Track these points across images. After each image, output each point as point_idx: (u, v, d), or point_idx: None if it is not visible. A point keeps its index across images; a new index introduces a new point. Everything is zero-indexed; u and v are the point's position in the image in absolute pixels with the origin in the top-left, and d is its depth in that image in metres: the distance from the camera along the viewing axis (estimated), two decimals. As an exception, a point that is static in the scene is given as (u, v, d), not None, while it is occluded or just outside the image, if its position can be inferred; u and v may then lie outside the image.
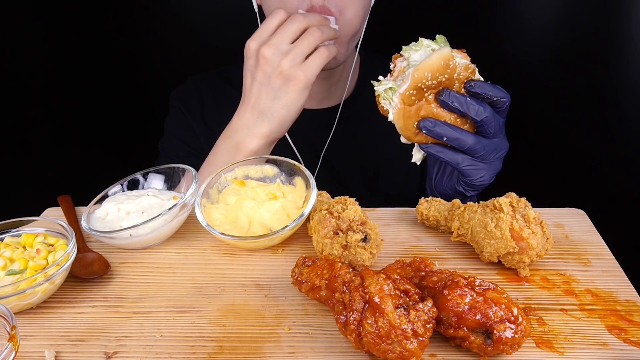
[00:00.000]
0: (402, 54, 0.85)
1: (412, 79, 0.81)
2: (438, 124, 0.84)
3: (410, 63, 0.83)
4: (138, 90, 1.67)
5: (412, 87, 0.82)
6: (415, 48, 0.84)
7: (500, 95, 0.84)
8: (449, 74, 0.82)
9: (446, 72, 0.82)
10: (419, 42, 0.85)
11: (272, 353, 0.63)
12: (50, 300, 0.73)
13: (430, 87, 0.82)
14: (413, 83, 0.81)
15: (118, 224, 0.84)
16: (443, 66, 0.81)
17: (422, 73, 0.81)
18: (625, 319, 0.66)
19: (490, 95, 0.83)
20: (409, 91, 0.82)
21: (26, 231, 0.80)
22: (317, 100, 1.23)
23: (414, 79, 0.81)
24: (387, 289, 0.58)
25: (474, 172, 0.88)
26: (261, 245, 0.82)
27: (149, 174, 0.95)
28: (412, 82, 0.81)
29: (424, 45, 0.84)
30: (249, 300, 0.72)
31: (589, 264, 0.76)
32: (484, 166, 0.88)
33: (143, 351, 0.64)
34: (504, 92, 0.84)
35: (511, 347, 0.58)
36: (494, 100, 0.84)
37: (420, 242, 0.83)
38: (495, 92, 0.83)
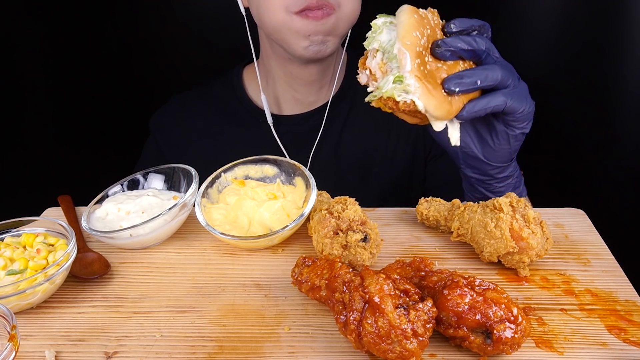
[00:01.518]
0: (369, 48, 0.75)
1: (408, 48, 0.69)
2: (463, 74, 0.74)
3: (386, 46, 0.73)
4: (138, 90, 1.67)
5: (413, 56, 0.69)
6: (375, 34, 0.74)
7: (480, 22, 0.77)
8: (428, 24, 0.72)
9: (424, 23, 0.72)
10: (373, 28, 0.74)
11: (272, 353, 0.63)
12: (50, 300, 0.73)
13: (425, 47, 0.72)
14: (412, 52, 0.69)
15: (118, 224, 0.84)
16: (418, 19, 0.71)
17: (410, 36, 0.70)
18: (625, 319, 0.66)
19: (474, 26, 0.77)
20: (414, 63, 0.69)
21: (26, 231, 0.80)
22: (306, 103, 1.22)
23: (409, 47, 0.69)
24: (387, 289, 0.58)
25: (519, 103, 0.79)
26: (261, 245, 0.82)
27: (149, 174, 0.95)
28: (410, 51, 0.69)
29: (379, 25, 0.73)
30: (249, 300, 0.72)
31: (589, 264, 0.76)
32: (519, 91, 0.79)
33: (143, 351, 0.64)
34: (478, 20, 0.77)
35: (511, 347, 0.58)
36: (479, 29, 0.77)
37: (420, 242, 0.83)
38: (475, 21, 0.77)
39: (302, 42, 1.03)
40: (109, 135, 1.69)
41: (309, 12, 0.98)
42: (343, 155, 1.20)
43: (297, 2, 0.98)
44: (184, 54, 1.63)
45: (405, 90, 0.70)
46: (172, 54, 1.65)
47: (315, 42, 1.03)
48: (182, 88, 1.34)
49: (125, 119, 1.65)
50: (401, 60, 0.69)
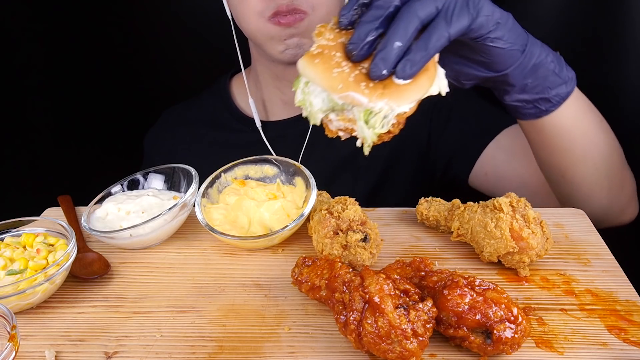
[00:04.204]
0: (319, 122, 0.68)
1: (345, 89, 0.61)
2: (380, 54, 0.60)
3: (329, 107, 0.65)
4: (139, 90, 1.67)
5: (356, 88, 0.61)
6: (309, 108, 0.67)
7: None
8: (331, 49, 0.63)
9: (329, 54, 0.63)
10: (301, 105, 0.68)
11: (272, 353, 0.63)
12: (50, 300, 0.73)
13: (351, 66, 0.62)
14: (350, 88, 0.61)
15: (118, 223, 0.84)
16: (321, 60, 0.63)
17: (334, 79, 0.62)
18: (625, 319, 0.66)
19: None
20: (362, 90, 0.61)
21: (26, 231, 0.80)
22: (295, 105, 1.20)
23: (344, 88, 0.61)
24: (387, 289, 0.58)
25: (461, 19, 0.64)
26: (261, 245, 0.82)
27: (149, 173, 0.95)
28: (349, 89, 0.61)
29: (302, 98, 0.67)
30: (249, 300, 0.72)
31: (589, 264, 0.76)
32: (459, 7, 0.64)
33: (143, 351, 0.64)
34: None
35: (511, 347, 0.58)
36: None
37: (420, 242, 0.83)
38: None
39: (278, 46, 1.02)
40: (110, 135, 1.69)
41: (280, 18, 0.97)
42: (332, 157, 1.18)
43: (267, 7, 0.97)
44: (186, 55, 1.63)
45: (382, 117, 0.63)
46: (174, 54, 1.65)
47: (291, 46, 1.02)
48: (183, 88, 1.34)
49: (126, 119, 1.65)
50: (353, 103, 0.62)
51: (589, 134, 0.85)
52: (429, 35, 0.61)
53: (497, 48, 0.70)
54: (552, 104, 0.80)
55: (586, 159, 0.86)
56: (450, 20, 0.61)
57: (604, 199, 0.90)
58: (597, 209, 0.90)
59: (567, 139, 0.84)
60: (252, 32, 1.03)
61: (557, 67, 0.77)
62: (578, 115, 0.83)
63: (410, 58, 0.60)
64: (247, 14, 1.00)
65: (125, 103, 1.70)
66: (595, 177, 0.88)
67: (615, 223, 0.96)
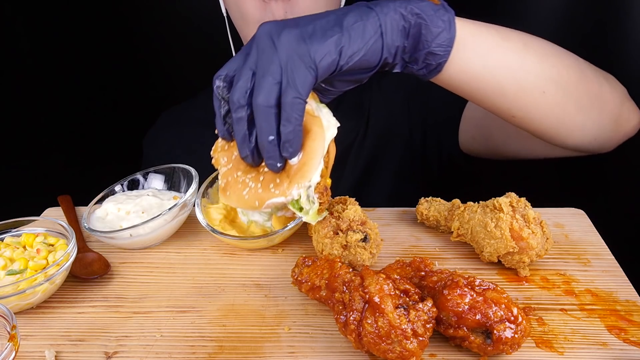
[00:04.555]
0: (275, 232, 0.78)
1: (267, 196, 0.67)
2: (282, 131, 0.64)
3: (268, 219, 0.77)
4: (140, 90, 1.67)
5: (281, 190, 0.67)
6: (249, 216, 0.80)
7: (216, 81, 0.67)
8: (225, 164, 0.72)
9: (235, 178, 0.71)
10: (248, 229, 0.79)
11: (272, 353, 0.63)
12: (50, 300, 0.73)
13: (261, 172, 0.70)
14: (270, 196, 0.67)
15: (118, 223, 0.84)
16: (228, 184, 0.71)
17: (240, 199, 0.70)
18: (625, 319, 0.66)
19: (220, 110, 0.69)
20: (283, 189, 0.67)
21: (26, 231, 0.80)
22: None
23: (265, 195, 0.68)
24: (387, 289, 0.58)
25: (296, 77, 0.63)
26: (261, 245, 0.82)
27: (149, 174, 0.95)
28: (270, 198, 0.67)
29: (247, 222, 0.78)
30: (249, 300, 0.72)
31: (589, 264, 0.76)
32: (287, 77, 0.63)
33: (143, 351, 0.64)
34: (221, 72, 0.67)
35: (511, 347, 0.58)
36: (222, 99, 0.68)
37: (420, 242, 0.83)
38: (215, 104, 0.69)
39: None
40: (110, 136, 1.69)
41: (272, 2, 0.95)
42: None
43: (264, 16, 0.96)
44: (186, 54, 1.63)
45: (306, 198, 0.69)
46: (175, 53, 1.65)
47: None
48: (185, 88, 1.33)
49: (126, 119, 1.65)
50: (276, 207, 0.70)
51: (511, 65, 0.76)
52: (285, 108, 0.63)
53: (356, 66, 0.67)
54: (441, 55, 0.72)
55: (525, 93, 0.77)
56: (295, 85, 0.62)
57: (584, 121, 0.82)
58: (587, 132, 0.84)
59: (485, 81, 0.76)
60: (249, 38, 1.03)
61: (426, 18, 0.69)
62: (483, 52, 0.74)
63: (285, 140, 0.64)
64: (244, 20, 1.00)
65: (125, 103, 1.70)
66: (553, 105, 0.79)
67: (621, 136, 0.89)
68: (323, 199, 0.69)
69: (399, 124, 1.15)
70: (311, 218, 0.70)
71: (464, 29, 0.72)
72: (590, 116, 0.82)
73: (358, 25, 0.65)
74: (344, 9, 0.67)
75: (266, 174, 0.68)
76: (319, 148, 0.67)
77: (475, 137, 1.06)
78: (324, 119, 0.69)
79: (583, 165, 1.33)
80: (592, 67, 0.83)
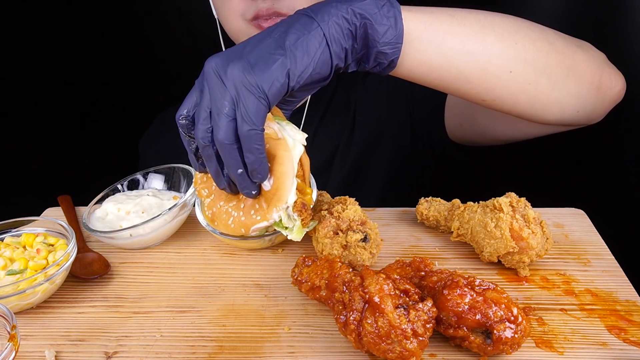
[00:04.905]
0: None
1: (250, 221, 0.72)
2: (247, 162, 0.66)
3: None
4: (139, 90, 1.67)
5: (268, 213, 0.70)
6: None
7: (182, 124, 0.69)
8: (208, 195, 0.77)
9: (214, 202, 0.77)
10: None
11: (272, 353, 0.63)
12: (50, 300, 0.73)
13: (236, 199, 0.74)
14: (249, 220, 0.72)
15: (118, 223, 0.84)
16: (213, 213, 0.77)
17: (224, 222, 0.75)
18: (625, 319, 0.66)
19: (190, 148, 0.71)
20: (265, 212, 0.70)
21: (26, 231, 0.80)
22: None
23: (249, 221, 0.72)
24: (387, 289, 0.58)
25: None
26: (261, 245, 0.82)
27: (149, 174, 0.95)
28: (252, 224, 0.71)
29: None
30: (249, 300, 0.72)
31: (589, 264, 0.76)
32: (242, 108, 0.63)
33: (143, 351, 0.64)
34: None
35: (511, 347, 0.58)
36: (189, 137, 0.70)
37: (420, 242, 0.83)
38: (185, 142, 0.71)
39: None
40: (110, 136, 1.69)
41: (261, 22, 0.97)
42: (317, 155, 1.17)
43: (248, 9, 0.96)
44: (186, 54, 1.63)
45: (287, 217, 0.71)
46: (174, 53, 1.66)
47: None
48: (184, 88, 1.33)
49: (126, 119, 1.65)
50: (260, 231, 0.73)
51: (470, 49, 0.73)
52: (244, 141, 0.64)
53: (308, 81, 0.66)
54: (390, 53, 0.69)
55: (490, 75, 0.75)
56: (248, 117, 0.62)
57: (560, 95, 0.79)
58: (567, 106, 0.81)
59: (445, 69, 0.74)
60: (237, 34, 1.03)
61: (370, 18, 0.67)
62: (437, 40, 0.72)
63: (252, 169, 0.66)
64: (229, 15, 1.00)
65: (125, 104, 1.70)
66: (524, 84, 0.76)
67: (607, 104, 0.86)
68: (303, 215, 0.71)
69: (385, 119, 1.15)
70: (296, 235, 0.72)
71: (414, 19, 0.70)
72: (567, 89, 0.79)
73: (301, 42, 0.64)
74: (285, 25, 0.66)
75: (246, 201, 0.72)
76: (288, 171, 0.68)
77: (462, 124, 1.05)
78: (289, 138, 0.71)
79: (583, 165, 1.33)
80: (562, 37, 0.80)
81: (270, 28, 0.66)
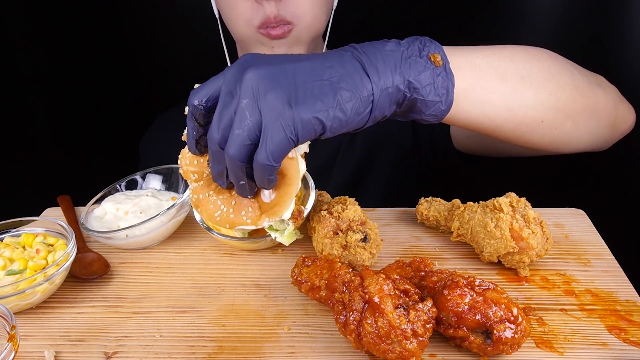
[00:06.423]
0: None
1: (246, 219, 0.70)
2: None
3: None
4: (139, 91, 1.67)
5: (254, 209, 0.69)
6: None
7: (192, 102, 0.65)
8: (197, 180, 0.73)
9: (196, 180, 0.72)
10: None
11: (272, 353, 0.63)
12: (50, 300, 0.73)
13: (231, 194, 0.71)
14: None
15: (116, 223, 0.84)
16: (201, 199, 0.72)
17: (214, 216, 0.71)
18: (625, 319, 0.66)
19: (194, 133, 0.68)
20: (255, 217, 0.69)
21: (26, 231, 0.80)
22: None
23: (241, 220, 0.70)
24: (386, 289, 0.58)
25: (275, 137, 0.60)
26: (261, 245, 0.82)
27: (148, 174, 0.95)
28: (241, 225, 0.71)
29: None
30: (249, 300, 0.72)
31: (589, 264, 0.76)
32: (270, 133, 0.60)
33: (143, 351, 0.64)
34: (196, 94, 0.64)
35: (511, 347, 0.58)
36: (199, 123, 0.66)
37: (420, 242, 0.83)
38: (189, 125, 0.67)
39: (266, 51, 1.01)
40: (110, 136, 1.69)
41: (270, 30, 0.97)
42: (319, 156, 1.17)
43: (256, 16, 0.97)
44: (187, 55, 1.63)
45: (279, 223, 0.71)
46: (174, 54, 1.65)
47: (279, 52, 1.01)
48: (184, 89, 1.33)
49: (126, 119, 1.65)
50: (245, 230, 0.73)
51: (510, 106, 0.74)
52: (255, 167, 0.62)
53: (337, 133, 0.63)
54: (431, 121, 0.71)
55: (523, 126, 0.77)
56: (270, 151, 0.60)
57: (580, 133, 0.83)
58: (584, 141, 0.85)
59: (482, 124, 0.75)
60: (243, 38, 1.04)
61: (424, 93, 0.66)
62: (481, 101, 0.72)
63: (258, 184, 0.65)
64: (236, 19, 1.01)
65: (125, 104, 1.70)
66: (551, 129, 0.79)
67: (618, 135, 0.90)
68: (297, 222, 0.71)
69: (388, 122, 1.15)
70: (286, 239, 0.71)
71: (462, 81, 0.69)
72: (586, 128, 0.83)
73: (350, 103, 0.61)
74: (341, 68, 0.62)
75: (238, 199, 0.69)
76: (292, 192, 0.68)
77: (469, 136, 1.06)
78: (299, 158, 0.70)
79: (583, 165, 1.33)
80: (584, 77, 0.83)
81: (326, 60, 0.62)
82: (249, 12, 0.98)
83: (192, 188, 0.73)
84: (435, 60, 0.66)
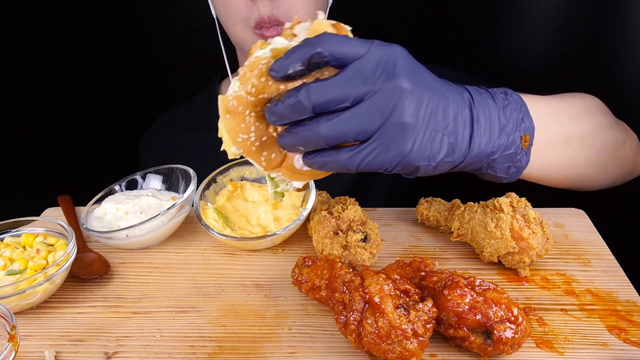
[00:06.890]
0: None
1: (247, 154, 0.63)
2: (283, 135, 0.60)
3: None
4: (139, 91, 1.67)
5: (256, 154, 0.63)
6: None
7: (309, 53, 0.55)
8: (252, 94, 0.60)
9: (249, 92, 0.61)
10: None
11: (272, 353, 0.63)
12: (50, 300, 0.73)
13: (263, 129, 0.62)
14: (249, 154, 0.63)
15: (116, 223, 0.84)
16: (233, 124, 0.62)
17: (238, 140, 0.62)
18: (625, 319, 0.66)
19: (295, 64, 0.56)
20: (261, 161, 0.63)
21: (26, 231, 0.80)
22: None
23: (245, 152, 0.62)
24: (387, 289, 0.58)
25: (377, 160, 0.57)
26: (261, 246, 0.82)
27: (148, 174, 0.95)
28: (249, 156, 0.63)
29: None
30: (249, 300, 0.72)
31: (589, 264, 0.76)
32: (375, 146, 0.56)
33: (143, 351, 0.64)
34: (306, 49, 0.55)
35: (511, 347, 0.58)
36: (310, 63, 0.56)
37: (420, 242, 0.83)
38: (298, 55, 0.56)
39: None
40: (110, 136, 1.69)
41: (264, 31, 0.98)
42: None
43: (250, 14, 0.97)
44: (186, 55, 1.63)
45: (282, 181, 0.67)
46: (174, 55, 1.65)
47: None
48: (184, 89, 1.33)
49: (126, 119, 1.65)
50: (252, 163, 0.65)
51: (565, 168, 0.78)
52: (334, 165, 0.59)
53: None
54: (517, 172, 0.71)
55: (567, 180, 0.82)
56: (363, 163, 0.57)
57: (604, 178, 0.88)
58: (605, 184, 0.90)
59: (534, 178, 0.78)
60: (237, 38, 1.04)
61: (494, 171, 0.67)
62: (544, 164, 0.75)
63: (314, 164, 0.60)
64: (231, 18, 1.01)
65: (125, 104, 1.70)
66: (586, 180, 0.84)
67: (633, 177, 0.95)
68: (302, 189, 0.68)
69: None
70: (274, 195, 0.68)
71: (535, 156, 0.71)
72: (612, 176, 0.88)
73: (447, 165, 0.61)
74: (453, 123, 0.60)
75: (270, 140, 0.62)
76: (318, 175, 0.65)
77: None
78: None
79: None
80: (621, 132, 0.87)
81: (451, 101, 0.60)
82: (243, 11, 0.98)
83: (238, 95, 0.62)
84: (524, 141, 0.67)
